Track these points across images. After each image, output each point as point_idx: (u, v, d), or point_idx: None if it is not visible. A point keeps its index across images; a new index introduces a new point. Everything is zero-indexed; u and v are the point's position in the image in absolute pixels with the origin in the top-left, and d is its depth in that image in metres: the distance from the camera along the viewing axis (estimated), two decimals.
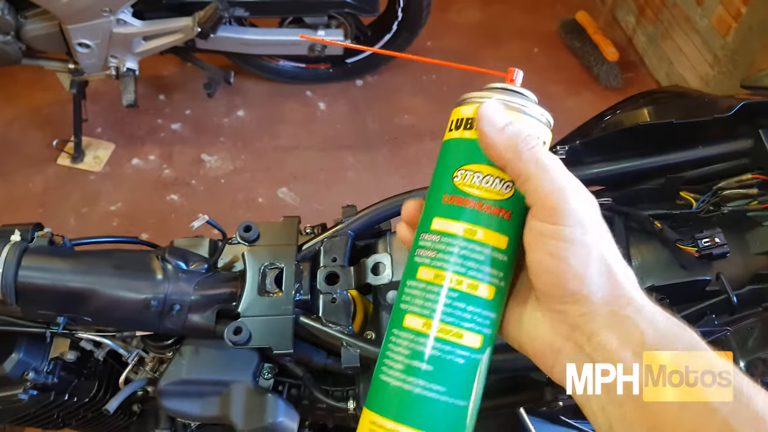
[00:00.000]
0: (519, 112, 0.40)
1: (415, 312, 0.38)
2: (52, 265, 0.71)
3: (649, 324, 0.34)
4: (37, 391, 0.80)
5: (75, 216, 2.06)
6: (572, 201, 0.35)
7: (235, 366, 0.74)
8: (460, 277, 0.37)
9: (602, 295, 0.35)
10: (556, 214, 0.35)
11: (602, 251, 0.36)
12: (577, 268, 0.35)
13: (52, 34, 1.85)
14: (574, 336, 0.36)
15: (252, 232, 0.78)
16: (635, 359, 0.33)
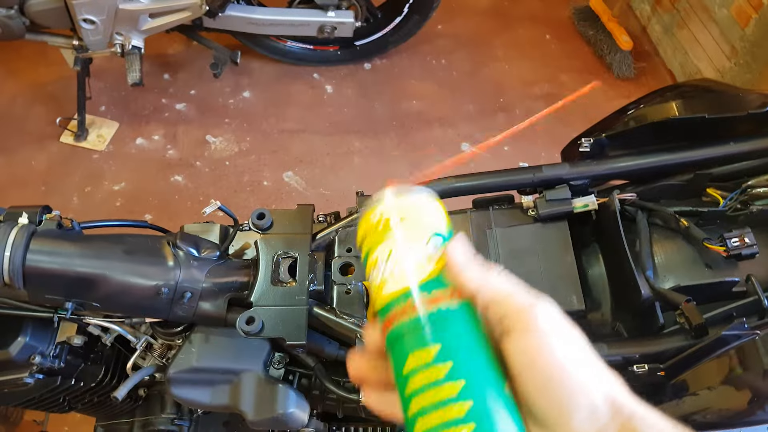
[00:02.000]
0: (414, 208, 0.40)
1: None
2: (60, 249, 0.69)
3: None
4: (44, 375, 0.78)
5: (78, 195, 2.04)
6: (549, 312, 0.36)
7: (246, 355, 0.73)
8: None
9: (608, 407, 0.35)
10: (538, 328, 0.35)
11: (593, 360, 0.36)
12: (580, 379, 0.35)
13: (56, 8, 1.81)
14: None
15: (265, 219, 0.76)
16: None
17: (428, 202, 0.41)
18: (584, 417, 0.34)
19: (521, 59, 2.56)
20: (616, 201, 0.71)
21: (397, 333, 0.38)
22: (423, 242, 0.39)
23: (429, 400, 0.35)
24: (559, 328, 0.36)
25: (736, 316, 0.63)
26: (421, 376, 0.36)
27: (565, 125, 2.37)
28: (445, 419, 0.34)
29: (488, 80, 2.47)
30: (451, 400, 0.35)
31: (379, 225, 0.40)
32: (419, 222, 0.40)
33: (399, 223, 0.40)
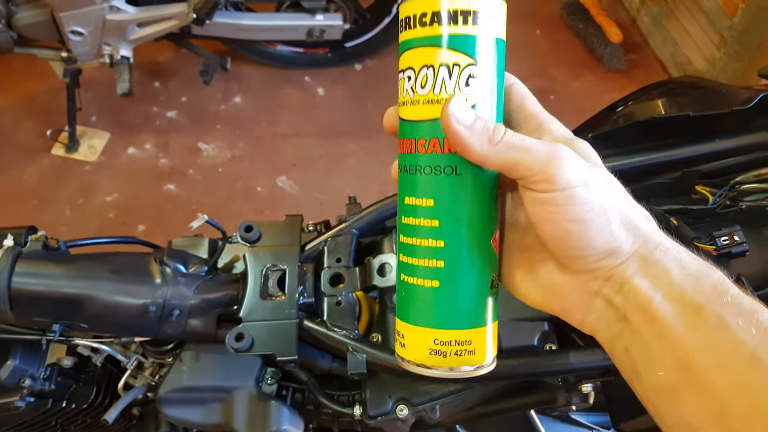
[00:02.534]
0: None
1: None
2: (46, 270, 0.68)
3: (677, 264, 0.34)
4: (34, 398, 0.78)
5: (71, 207, 2.03)
6: (566, 164, 0.34)
7: (238, 371, 0.72)
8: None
9: (631, 242, 0.35)
10: (557, 182, 0.34)
11: (616, 202, 0.36)
12: (601, 225, 0.35)
13: (44, 21, 1.80)
14: (605, 290, 0.36)
15: (253, 232, 0.75)
16: (664, 299, 0.33)
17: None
18: (606, 257, 0.35)
19: (512, 55, 2.51)
20: None
21: (403, 162, 0.40)
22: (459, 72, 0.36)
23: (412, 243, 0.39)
24: (582, 177, 0.34)
25: None
26: (410, 220, 0.39)
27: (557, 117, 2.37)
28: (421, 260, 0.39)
29: None
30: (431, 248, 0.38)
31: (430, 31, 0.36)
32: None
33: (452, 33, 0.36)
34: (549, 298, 0.39)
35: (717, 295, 0.33)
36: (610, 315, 0.36)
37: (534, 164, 0.34)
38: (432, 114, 0.37)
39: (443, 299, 0.39)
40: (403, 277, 0.41)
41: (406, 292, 0.40)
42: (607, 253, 0.35)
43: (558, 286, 0.38)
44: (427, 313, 0.39)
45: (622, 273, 0.35)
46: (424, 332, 0.39)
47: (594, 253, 0.35)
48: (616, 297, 0.36)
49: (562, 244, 0.36)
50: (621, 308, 0.35)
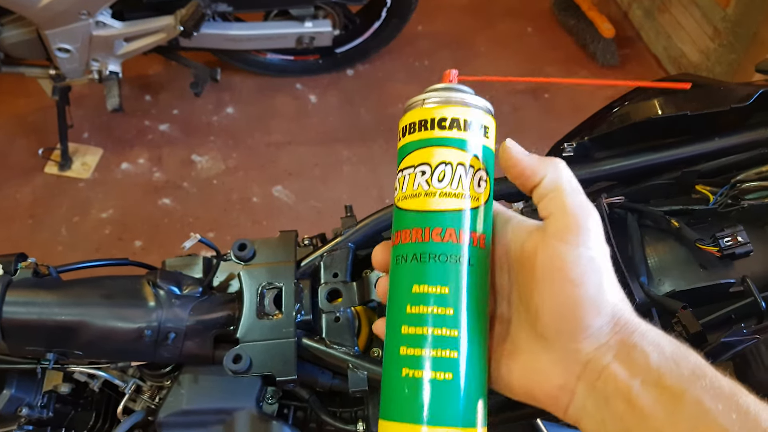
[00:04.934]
0: (462, 105, 0.40)
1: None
2: (38, 298, 0.67)
3: (654, 348, 0.34)
4: (33, 427, 0.77)
5: (66, 226, 2.01)
6: (593, 222, 0.36)
7: (237, 392, 0.71)
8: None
9: (612, 325, 0.35)
10: (580, 234, 0.35)
11: (612, 277, 0.36)
12: (594, 296, 0.35)
13: (30, 40, 1.79)
14: (585, 373, 0.36)
15: (247, 250, 0.74)
16: (643, 386, 0.33)
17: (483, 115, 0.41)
18: (588, 336, 0.35)
19: (504, 54, 2.54)
20: (603, 206, 0.70)
21: (407, 252, 0.40)
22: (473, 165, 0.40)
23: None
24: (596, 242, 0.36)
25: (735, 318, 0.61)
26: (418, 309, 0.38)
27: (553, 118, 2.36)
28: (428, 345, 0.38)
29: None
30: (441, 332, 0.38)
31: (434, 126, 0.40)
32: (475, 138, 0.40)
33: (461, 132, 0.40)
34: (533, 384, 0.38)
35: (696, 378, 0.33)
36: (591, 403, 0.35)
37: (571, 205, 0.36)
38: (449, 205, 0.39)
39: (460, 393, 0.37)
40: (406, 372, 0.38)
41: (412, 388, 0.37)
42: (590, 332, 0.35)
43: (542, 369, 0.37)
44: (442, 410, 0.37)
45: (600, 358, 0.35)
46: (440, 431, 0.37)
47: (580, 328, 0.35)
48: (597, 382, 0.35)
49: (554, 311, 0.36)
50: (602, 394, 0.35)
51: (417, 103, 0.41)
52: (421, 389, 0.37)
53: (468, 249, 0.39)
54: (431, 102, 0.41)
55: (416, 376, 0.37)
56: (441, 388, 0.37)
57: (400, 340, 0.38)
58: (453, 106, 0.40)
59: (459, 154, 0.39)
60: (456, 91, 0.41)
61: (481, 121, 0.40)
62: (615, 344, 0.35)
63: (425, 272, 0.38)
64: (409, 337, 0.38)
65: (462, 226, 0.38)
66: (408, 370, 0.38)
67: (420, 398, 0.37)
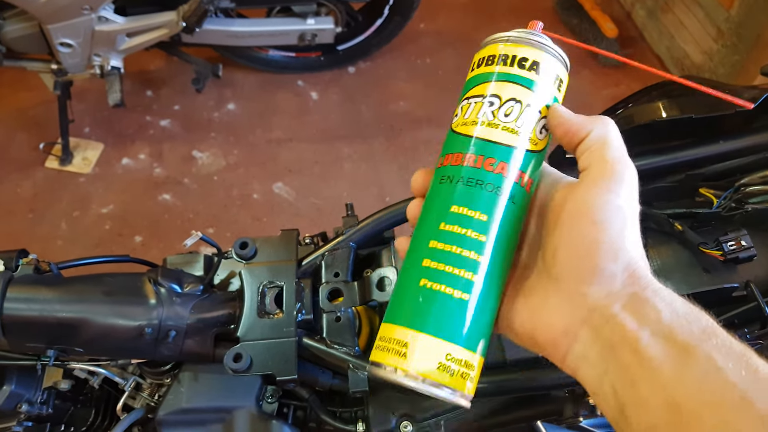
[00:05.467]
0: (545, 52, 0.42)
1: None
2: (39, 295, 0.67)
3: (667, 305, 0.34)
4: (32, 423, 0.76)
5: (66, 220, 2.01)
6: (629, 175, 0.37)
7: (237, 391, 0.71)
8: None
9: (626, 275, 0.36)
10: (614, 182, 0.36)
11: (636, 232, 0.37)
12: (613, 242, 0.35)
13: (32, 34, 1.78)
14: (592, 319, 0.36)
15: (249, 248, 0.74)
16: (653, 338, 0.33)
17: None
18: (598, 282, 0.35)
19: None
20: None
21: (454, 174, 0.41)
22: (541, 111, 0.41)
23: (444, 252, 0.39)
24: (629, 193, 0.37)
25: (738, 323, 0.61)
26: (455, 228, 0.39)
27: None
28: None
29: None
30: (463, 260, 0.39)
31: (512, 64, 0.41)
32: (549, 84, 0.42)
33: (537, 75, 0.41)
34: (536, 326, 0.38)
35: (707, 336, 0.33)
36: (595, 351, 0.35)
37: (612, 155, 0.37)
38: (509, 140, 0.40)
39: (468, 315, 0.38)
40: (424, 282, 0.39)
41: (426, 298, 0.39)
42: (602, 276, 0.36)
43: (547, 311, 0.38)
44: (448, 324, 0.38)
45: (608, 306, 0.35)
46: (439, 344, 0.38)
47: (592, 272, 0.36)
48: (604, 328, 0.35)
49: (571, 251, 0.36)
50: (608, 341, 0.35)
51: (500, 39, 0.43)
52: (436, 301, 0.38)
53: (513, 186, 0.40)
54: (515, 40, 0.42)
55: (434, 288, 0.38)
56: (455, 304, 0.38)
57: (427, 253, 0.40)
58: (536, 50, 0.41)
59: (531, 96, 0.41)
60: (540, 38, 0.42)
61: (558, 72, 0.42)
62: (626, 295, 0.35)
63: (468, 196, 0.40)
64: (437, 251, 0.39)
65: (515, 164, 0.40)
66: (427, 281, 0.39)
67: (432, 309, 0.38)
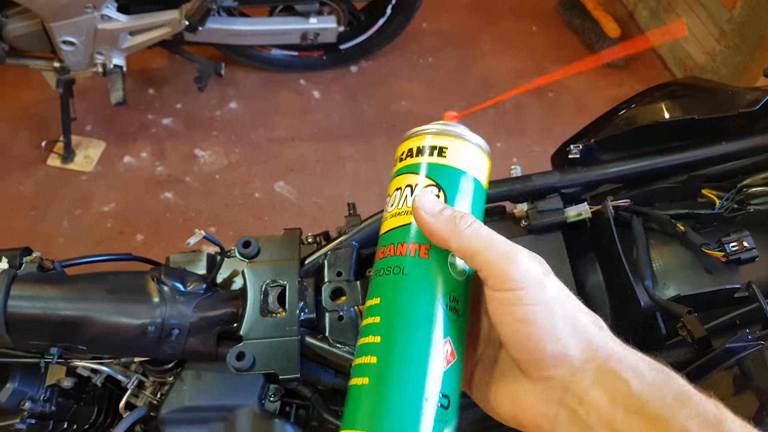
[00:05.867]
0: (460, 139, 0.43)
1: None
2: (42, 293, 0.67)
3: (634, 374, 0.34)
4: (35, 420, 0.77)
5: (68, 218, 2.01)
6: (522, 264, 0.36)
7: (240, 389, 0.71)
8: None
9: (581, 351, 0.36)
10: (510, 280, 0.36)
11: (565, 307, 0.37)
12: (545, 328, 0.36)
13: (35, 32, 1.78)
14: (566, 400, 0.36)
15: (252, 247, 0.74)
16: (626, 415, 0.33)
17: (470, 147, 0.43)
18: (556, 364, 0.36)
19: (509, 53, 2.54)
20: (609, 209, 0.70)
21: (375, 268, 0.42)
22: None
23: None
24: (534, 279, 0.36)
25: (740, 323, 0.61)
26: (364, 321, 0.41)
27: (556, 118, 2.36)
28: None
29: (476, 76, 2.45)
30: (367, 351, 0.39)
31: (413, 154, 0.44)
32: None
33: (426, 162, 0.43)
34: (518, 410, 0.38)
35: (680, 405, 0.32)
36: (576, 430, 0.35)
37: (492, 258, 0.36)
38: (394, 224, 0.42)
39: (370, 397, 0.37)
40: (350, 382, 0.40)
41: (348, 395, 0.39)
42: (557, 360, 0.36)
43: (524, 395, 0.38)
44: (353, 414, 0.37)
45: (578, 384, 0.35)
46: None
47: (544, 358, 0.36)
48: (579, 409, 0.35)
49: (515, 346, 0.37)
50: (585, 422, 0.35)
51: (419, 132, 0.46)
52: (350, 396, 0.39)
53: (402, 259, 0.40)
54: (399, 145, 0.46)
55: (350, 384, 0.39)
56: (360, 392, 0.38)
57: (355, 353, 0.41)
58: (410, 140, 0.45)
59: (410, 177, 0.43)
60: (455, 127, 0.44)
61: (431, 143, 0.43)
62: (592, 370, 0.35)
63: (371, 287, 0.42)
64: (358, 348, 0.40)
65: (405, 240, 0.41)
66: (350, 380, 0.40)
67: (348, 404, 0.39)
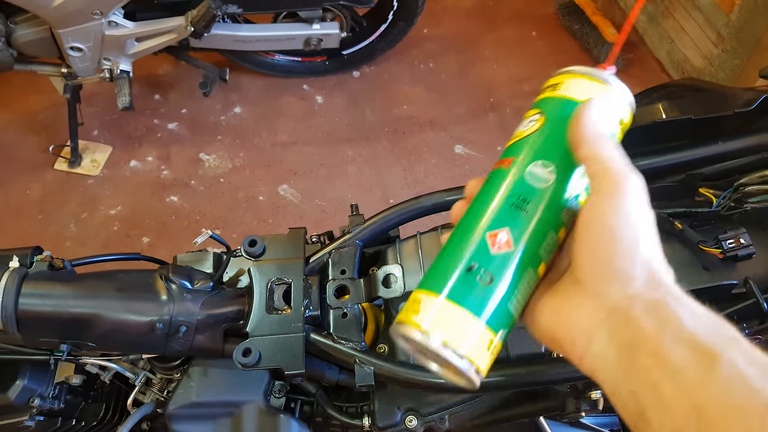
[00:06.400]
0: (607, 85, 0.44)
1: (546, 265, 0.42)
2: (53, 291, 0.68)
3: (689, 312, 0.34)
4: (44, 417, 0.78)
5: (75, 222, 2.04)
6: (633, 183, 0.37)
7: (246, 385, 0.72)
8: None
9: (645, 279, 0.36)
10: (619, 190, 0.37)
11: (650, 238, 0.37)
12: (627, 244, 0.36)
13: (43, 38, 1.81)
14: (612, 320, 0.36)
15: (257, 246, 0.75)
16: (674, 342, 0.33)
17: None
18: (617, 282, 0.36)
19: (509, 58, 2.55)
20: None
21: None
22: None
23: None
24: (635, 201, 0.37)
25: (737, 319, 0.62)
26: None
27: None
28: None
29: (477, 81, 2.47)
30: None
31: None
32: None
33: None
34: (557, 324, 0.39)
35: (730, 344, 0.33)
36: (612, 351, 0.36)
37: (614, 167, 0.38)
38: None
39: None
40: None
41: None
42: (619, 278, 0.36)
43: (569, 309, 0.38)
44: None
45: (629, 308, 0.35)
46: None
47: (609, 272, 0.36)
48: (623, 330, 0.35)
49: (589, 253, 0.38)
50: (627, 343, 0.35)
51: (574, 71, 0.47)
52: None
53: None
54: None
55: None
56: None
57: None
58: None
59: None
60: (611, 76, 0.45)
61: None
62: (647, 300, 0.35)
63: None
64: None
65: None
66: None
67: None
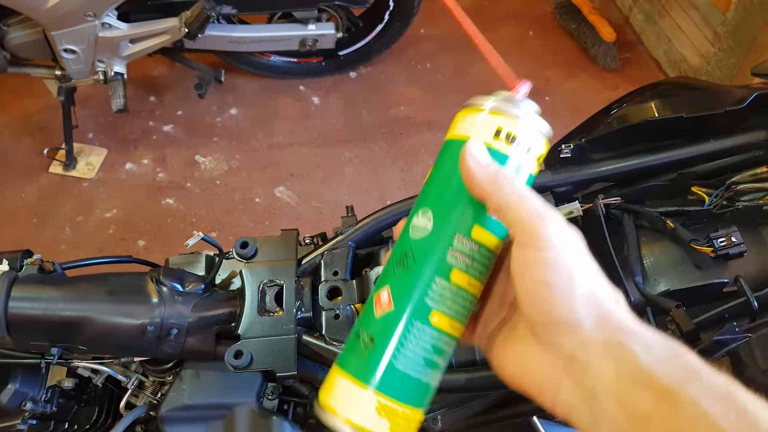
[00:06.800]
0: (515, 118, 0.42)
1: (444, 312, 0.40)
2: (43, 294, 0.68)
3: (644, 348, 0.34)
4: (36, 421, 0.78)
5: (70, 225, 2.03)
6: (551, 227, 0.36)
7: (238, 388, 0.72)
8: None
9: (592, 322, 0.35)
10: (538, 239, 0.36)
11: (586, 277, 0.36)
12: (563, 293, 0.35)
13: (36, 41, 1.80)
14: (572, 369, 0.36)
15: (249, 248, 0.75)
16: (634, 387, 0.33)
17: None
18: (566, 330, 0.36)
19: (506, 57, 2.52)
20: (600, 207, 0.71)
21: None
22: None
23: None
24: (561, 243, 0.36)
25: (728, 317, 0.62)
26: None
27: (552, 118, 2.35)
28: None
29: (474, 81, 2.47)
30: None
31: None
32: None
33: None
34: (523, 373, 0.39)
35: (690, 378, 0.32)
36: (580, 400, 0.35)
37: (524, 215, 0.37)
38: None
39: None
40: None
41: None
42: (567, 326, 0.35)
43: (531, 359, 0.38)
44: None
45: (585, 354, 0.35)
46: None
47: (555, 322, 0.36)
48: (585, 379, 0.35)
49: (530, 305, 0.37)
50: (590, 392, 0.34)
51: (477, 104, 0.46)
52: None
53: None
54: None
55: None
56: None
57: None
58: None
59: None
60: (515, 106, 0.44)
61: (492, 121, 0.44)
62: (600, 341, 0.34)
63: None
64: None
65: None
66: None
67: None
